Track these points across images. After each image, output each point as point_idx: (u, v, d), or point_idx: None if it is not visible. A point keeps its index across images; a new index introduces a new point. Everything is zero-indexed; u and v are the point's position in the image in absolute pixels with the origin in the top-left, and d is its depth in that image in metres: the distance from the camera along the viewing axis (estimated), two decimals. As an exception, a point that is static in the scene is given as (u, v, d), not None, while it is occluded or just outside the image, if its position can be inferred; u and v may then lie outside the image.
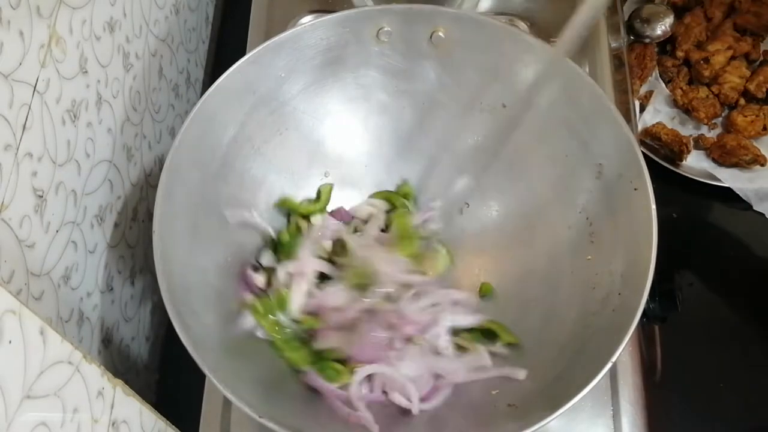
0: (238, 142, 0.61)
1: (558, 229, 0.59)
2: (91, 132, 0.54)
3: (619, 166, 0.55)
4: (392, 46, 0.62)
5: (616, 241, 0.54)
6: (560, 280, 0.57)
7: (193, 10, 0.82)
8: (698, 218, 0.80)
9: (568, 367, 0.51)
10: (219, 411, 0.58)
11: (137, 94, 0.64)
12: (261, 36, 0.75)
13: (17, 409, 0.33)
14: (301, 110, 0.64)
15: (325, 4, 0.77)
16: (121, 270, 0.62)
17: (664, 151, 0.80)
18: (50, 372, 0.35)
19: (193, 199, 0.56)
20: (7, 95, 0.42)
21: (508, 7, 0.76)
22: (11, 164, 0.42)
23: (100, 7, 0.55)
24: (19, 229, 0.44)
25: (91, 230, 0.56)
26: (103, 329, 0.58)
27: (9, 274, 0.42)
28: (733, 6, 0.88)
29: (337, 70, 0.63)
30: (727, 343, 0.71)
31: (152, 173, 0.68)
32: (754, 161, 0.79)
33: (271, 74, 0.60)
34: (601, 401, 0.58)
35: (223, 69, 0.58)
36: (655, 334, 0.67)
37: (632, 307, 0.48)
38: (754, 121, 0.81)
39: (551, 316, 0.56)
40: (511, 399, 0.51)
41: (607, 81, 0.71)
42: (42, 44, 0.46)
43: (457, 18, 0.60)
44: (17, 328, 0.33)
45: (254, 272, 0.59)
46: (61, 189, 0.50)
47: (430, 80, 0.64)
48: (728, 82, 0.83)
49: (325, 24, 0.60)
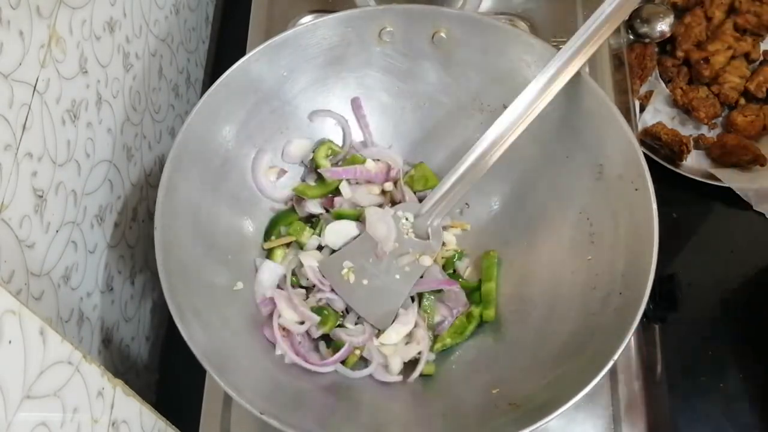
0: (239, 140, 0.61)
1: (558, 229, 0.59)
2: (91, 132, 0.54)
3: (620, 166, 0.55)
4: (394, 46, 0.62)
5: (616, 242, 0.54)
6: (560, 280, 0.57)
7: (193, 10, 0.82)
8: (698, 218, 0.80)
9: (568, 366, 0.51)
10: (219, 411, 0.58)
11: (137, 94, 0.64)
12: (261, 36, 0.75)
13: (17, 409, 0.32)
14: (302, 109, 0.64)
15: (325, 3, 0.77)
16: (121, 270, 0.62)
17: (664, 151, 0.80)
18: (50, 372, 0.35)
19: (194, 196, 0.56)
20: (7, 95, 0.42)
21: (509, 7, 0.76)
22: (11, 164, 0.42)
23: (100, 7, 0.55)
24: (19, 229, 0.44)
25: (91, 230, 0.56)
26: (103, 329, 0.58)
27: (9, 274, 0.42)
28: (733, 6, 0.88)
29: (338, 70, 0.63)
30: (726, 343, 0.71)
31: (152, 173, 0.68)
32: (754, 161, 0.79)
33: (274, 73, 0.61)
34: (601, 401, 0.58)
35: (223, 69, 0.58)
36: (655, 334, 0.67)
37: (633, 307, 0.48)
38: (754, 121, 0.81)
39: (551, 316, 0.56)
40: (512, 398, 0.51)
41: (607, 81, 0.72)
42: (42, 44, 0.46)
43: (458, 18, 0.60)
44: (17, 328, 0.33)
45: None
46: (61, 189, 0.49)
47: (431, 80, 0.64)
48: (728, 82, 0.83)
49: (327, 23, 0.60)
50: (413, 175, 0.66)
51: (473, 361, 0.58)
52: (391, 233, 0.60)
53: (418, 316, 0.60)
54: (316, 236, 0.63)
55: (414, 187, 0.65)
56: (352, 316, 0.60)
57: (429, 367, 0.59)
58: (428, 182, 0.65)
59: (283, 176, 0.65)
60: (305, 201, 0.64)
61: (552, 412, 0.46)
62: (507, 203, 0.64)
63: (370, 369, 0.57)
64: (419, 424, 0.55)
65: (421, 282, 0.61)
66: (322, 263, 0.61)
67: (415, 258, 0.60)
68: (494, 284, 0.61)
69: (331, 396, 0.56)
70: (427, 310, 0.60)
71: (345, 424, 0.52)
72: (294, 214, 0.65)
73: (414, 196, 0.64)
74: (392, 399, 0.57)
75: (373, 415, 0.55)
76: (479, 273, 0.62)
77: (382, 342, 0.58)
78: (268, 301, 0.60)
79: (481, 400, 0.53)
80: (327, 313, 0.59)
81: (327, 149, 0.65)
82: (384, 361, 0.58)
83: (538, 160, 0.61)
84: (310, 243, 0.63)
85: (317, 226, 0.64)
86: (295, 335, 0.58)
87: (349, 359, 0.58)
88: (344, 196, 0.64)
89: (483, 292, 0.61)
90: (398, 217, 0.61)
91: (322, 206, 0.65)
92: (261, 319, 0.59)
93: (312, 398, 0.55)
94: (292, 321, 0.58)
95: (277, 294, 0.59)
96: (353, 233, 0.62)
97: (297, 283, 0.61)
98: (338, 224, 0.62)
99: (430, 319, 0.61)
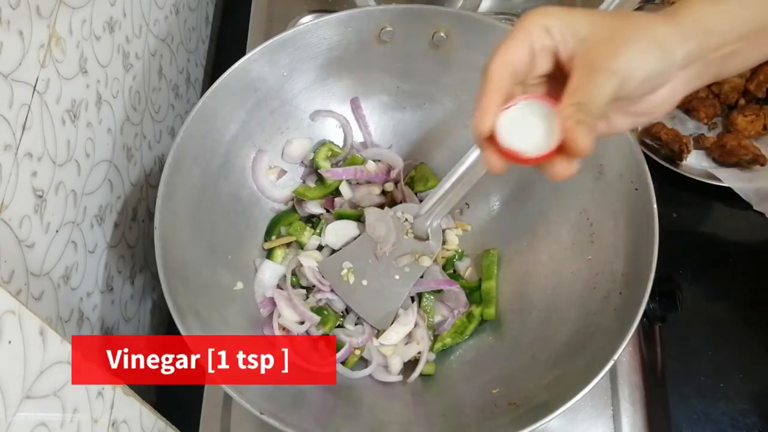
0: (239, 140, 0.61)
1: (558, 229, 0.59)
2: (91, 132, 0.54)
3: (620, 166, 0.55)
4: (394, 46, 0.62)
5: (616, 242, 0.54)
6: (561, 280, 0.57)
7: (193, 10, 0.82)
8: (698, 218, 0.80)
9: (568, 366, 0.51)
10: (219, 411, 0.58)
11: (137, 94, 0.64)
12: (261, 36, 0.75)
13: (17, 409, 0.32)
14: (302, 109, 0.64)
15: (325, 3, 0.77)
16: (121, 270, 0.62)
17: (664, 151, 0.80)
18: (50, 372, 0.35)
19: (194, 196, 0.56)
20: (7, 95, 0.42)
21: (509, 7, 0.77)
22: (11, 164, 0.42)
23: (100, 7, 0.55)
24: (19, 229, 0.44)
25: (91, 230, 0.55)
26: (103, 329, 0.58)
27: (9, 274, 0.42)
28: (733, 6, 0.88)
29: (338, 70, 0.63)
30: (727, 343, 0.71)
31: (152, 173, 0.68)
32: (754, 161, 0.79)
33: (274, 73, 0.61)
34: (601, 401, 0.58)
35: (223, 69, 0.58)
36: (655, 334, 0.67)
37: (633, 306, 0.48)
38: (754, 121, 0.81)
39: (551, 316, 0.56)
40: (512, 398, 0.51)
41: (607, 81, 0.71)
42: (42, 44, 0.46)
43: (458, 18, 0.60)
44: (17, 328, 0.33)
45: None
46: (61, 189, 0.49)
47: (431, 81, 0.64)
48: (728, 82, 0.82)
49: (327, 23, 0.60)
50: (414, 176, 0.66)
51: (473, 361, 0.58)
52: (391, 234, 0.60)
53: (418, 316, 0.60)
54: (317, 236, 0.63)
55: (415, 188, 0.65)
56: (351, 316, 0.60)
57: (429, 367, 0.59)
58: (429, 182, 0.65)
59: (283, 176, 0.65)
60: (306, 201, 0.64)
61: (552, 412, 0.45)
62: (507, 203, 0.64)
63: (370, 369, 0.58)
64: (419, 424, 0.55)
65: (421, 282, 0.61)
66: (321, 264, 0.61)
67: (415, 258, 0.60)
68: (494, 283, 0.61)
69: (331, 396, 0.56)
70: (426, 310, 0.61)
71: (345, 424, 0.52)
72: (294, 214, 0.65)
73: (415, 197, 0.64)
74: (392, 399, 0.57)
75: (373, 415, 0.55)
76: (479, 273, 0.62)
77: (381, 342, 0.58)
78: (268, 301, 0.60)
79: (481, 400, 0.53)
80: (327, 313, 0.59)
81: (327, 150, 0.65)
82: (384, 362, 0.58)
83: (538, 160, 0.61)
84: (310, 243, 0.63)
85: (318, 226, 0.64)
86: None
87: (349, 360, 0.58)
88: (344, 197, 0.64)
89: (483, 291, 0.61)
90: (398, 217, 0.61)
91: (323, 207, 0.65)
92: (261, 319, 0.59)
93: (312, 398, 0.55)
94: (292, 321, 0.58)
95: (277, 294, 0.59)
96: (354, 233, 0.62)
97: (297, 283, 0.61)
98: (338, 224, 0.62)
99: (430, 319, 0.61)
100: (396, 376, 0.58)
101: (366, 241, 0.61)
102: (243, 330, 0.57)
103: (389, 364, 0.58)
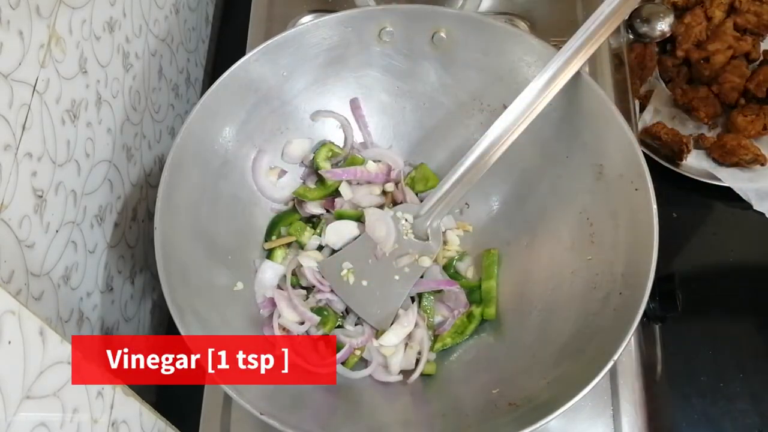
0: (239, 140, 0.61)
1: (558, 229, 0.59)
2: (91, 132, 0.54)
3: (620, 166, 0.55)
4: (394, 46, 0.62)
5: (616, 242, 0.54)
6: (560, 280, 0.57)
7: (193, 10, 0.82)
8: (698, 218, 0.80)
9: (568, 366, 0.51)
10: (219, 411, 0.58)
11: (137, 94, 0.64)
12: (261, 36, 0.75)
13: (17, 409, 0.32)
14: (302, 109, 0.64)
15: (325, 3, 0.77)
16: (121, 270, 0.62)
17: (664, 150, 0.80)
18: (50, 372, 0.35)
19: (194, 196, 0.56)
20: (6, 95, 0.42)
21: (509, 7, 0.76)
22: (11, 164, 0.42)
23: (100, 7, 0.55)
24: (18, 229, 0.44)
25: (91, 230, 0.56)
26: (103, 329, 0.58)
27: (9, 274, 0.42)
28: (733, 6, 0.88)
29: (338, 70, 0.63)
30: (726, 343, 0.71)
31: (152, 173, 0.68)
32: (754, 161, 0.79)
33: (274, 73, 0.61)
34: (601, 401, 0.58)
35: (223, 69, 0.58)
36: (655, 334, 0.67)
37: (633, 307, 0.48)
38: (754, 120, 0.81)
39: (551, 316, 0.56)
40: (512, 398, 0.51)
41: (607, 81, 0.71)
42: (42, 44, 0.46)
43: (458, 18, 0.60)
44: (17, 328, 0.33)
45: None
46: (60, 189, 0.49)
47: (431, 81, 0.64)
48: (728, 82, 0.83)
49: (327, 23, 0.60)
50: (414, 176, 0.66)
51: (473, 361, 0.58)
52: (391, 234, 0.60)
53: (418, 317, 0.60)
54: (317, 236, 0.63)
55: (415, 188, 0.65)
56: (351, 317, 0.60)
57: (429, 367, 0.59)
58: (429, 183, 0.65)
59: (283, 176, 0.65)
60: (306, 202, 0.64)
61: (552, 412, 0.45)
62: (507, 203, 0.64)
63: (370, 369, 0.57)
64: (419, 424, 0.55)
65: (421, 282, 0.61)
66: (321, 264, 0.61)
67: (415, 259, 0.60)
68: (495, 282, 0.61)
69: (331, 396, 0.56)
70: (427, 310, 0.61)
71: (345, 424, 0.52)
72: (295, 214, 0.65)
73: (415, 197, 0.64)
74: (392, 399, 0.57)
75: (373, 415, 0.55)
76: (479, 273, 0.63)
77: (381, 343, 0.58)
78: (268, 302, 0.60)
79: (481, 400, 0.53)
80: (327, 313, 0.59)
81: (327, 151, 0.65)
82: (384, 362, 0.58)
83: (538, 160, 0.61)
84: (310, 243, 0.63)
85: (318, 226, 0.64)
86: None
87: (350, 360, 0.58)
88: (344, 197, 0.64)
89: (483, 290, 0.61)
90: (398, 217, 0.61)
91: (323, 207, 0.65)
92: (261, 319, 0.59)
93: (312, 398, 0.55)
94: (292, 321, 0.58)
95: (278, 294, 0.59)
96: (354, 233, 0.62)
97: (297, 283, 0.61)
98: (339, 224, 0.62)
99: (430, 319, 0.61)
100: (396, 376, 0.58)
101: (366, 242, 0.61)
102: (243, 330, 0.57)
103: (389, 364, 0.58)
